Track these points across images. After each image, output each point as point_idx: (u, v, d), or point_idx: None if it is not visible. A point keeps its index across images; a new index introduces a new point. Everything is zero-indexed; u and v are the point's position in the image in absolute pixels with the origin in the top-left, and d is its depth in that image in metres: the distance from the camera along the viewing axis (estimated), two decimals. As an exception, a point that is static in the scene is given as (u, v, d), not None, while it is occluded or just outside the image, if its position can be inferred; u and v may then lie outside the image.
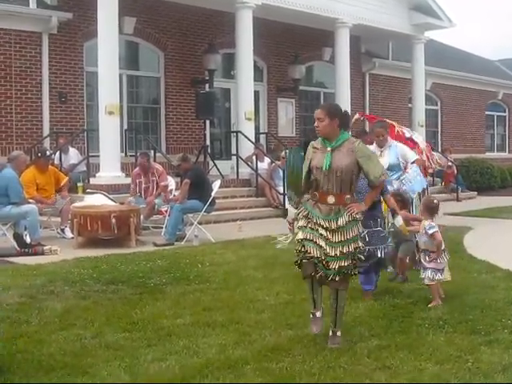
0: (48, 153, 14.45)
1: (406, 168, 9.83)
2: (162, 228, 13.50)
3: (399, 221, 7.71)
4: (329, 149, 6.19)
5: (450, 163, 24.52)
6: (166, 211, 13.65)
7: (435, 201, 8.22)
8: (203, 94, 19.39)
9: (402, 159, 9.80)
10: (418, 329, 6.70)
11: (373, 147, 9.45)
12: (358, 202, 6.30)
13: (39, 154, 13.83)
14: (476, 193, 24.79)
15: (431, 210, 7.94)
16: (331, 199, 6.18)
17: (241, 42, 19.21)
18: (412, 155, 10.04)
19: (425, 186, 10.06)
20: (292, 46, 23.17)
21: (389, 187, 8.74)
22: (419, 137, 11.99)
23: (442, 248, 7.75)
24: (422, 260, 7.79)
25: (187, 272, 9.69)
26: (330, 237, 6.14)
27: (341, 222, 6.14)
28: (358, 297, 7.86)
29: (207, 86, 20.91)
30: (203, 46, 20.74)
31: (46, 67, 17.68)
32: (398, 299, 7.90)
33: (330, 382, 5.29)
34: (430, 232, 7.68)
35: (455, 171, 24.14)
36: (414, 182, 9.71)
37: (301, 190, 6.52)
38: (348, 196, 6.19)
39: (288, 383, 5.21)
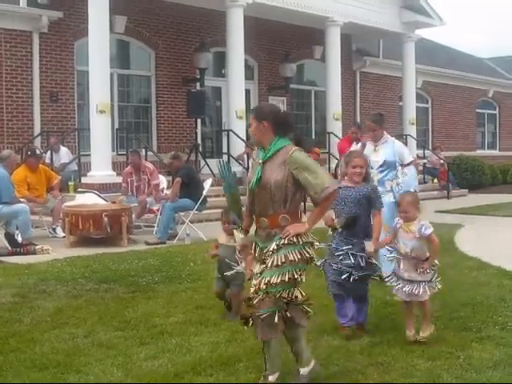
0: (38, 152, 14.43)
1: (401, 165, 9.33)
2: (153, 227, 13.50)
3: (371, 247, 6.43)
4: (260, 161, 5.15)
5: (441, 161, 24.61)
6: (158, 210, 13.64)
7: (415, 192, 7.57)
8: (194, 93, 19.41)
9: (397, 158, 9.23)
10: (409, 326, 6.71)
11: (367, 141, 9.38)
12: (301, 223, 5.08)
13: (29, 153, 13.80)
14: (467, 190, 24.85)
15: (418, 204, 6.34)
16: (264, 222, 5.14)
17: (232, 41, 19.21)
18: (408, 156, 9.52)
19: (416, 189, 9.16)
20: (283, 45, 23.20)
21: (380, 188, 8.63)
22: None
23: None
24: (409, 274, 6.21)
25: (179, 270, 9.71)
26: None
27: (272, 246, 5.03)
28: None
29: (198, 84, 20.92)
30: (194, 45, 20.76)
31: (37, 66, 17.65)
32: (389, 297, 7.90)
33: (322, 379, 5.31)
34: (428, 233, 6.16)
35: (446, 169, 24.21)
36: (405, 185, 9.03)
37: (241, 212, 5.42)
38: (283, 216, 5.04)
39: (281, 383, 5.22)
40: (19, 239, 11.78)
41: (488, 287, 8.47)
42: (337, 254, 6.42)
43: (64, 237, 12.66)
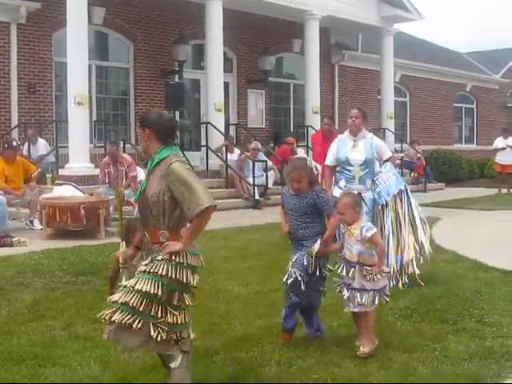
0: (15, 143, 14.34)
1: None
2: (131, 219, 13.44)
3: (316, 246, 5.96)
4: (147, 172, 4.92)
5: (418, 155, 24.73)
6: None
7: (356, 192, 7.15)
8: (173, 85, 19.39)
9: (376, 154, 8.82)
10: (386, 318, 6.76)
11: (345, 135, 9.01)
12: (179, 240, 4.70)
13: (6, 146, 13.72)
14: (444, 184, 25.05)
15: (356, 206, 5.96)
16: (146, 238, 4.89)
17: (210, 33, 19.18)
18: (387, 152, 9.07)
19: (402, 188, 8.48)
20: (262, 38, 23.17)
21: (361, 186, 8.50)
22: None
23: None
24: (358, 281, 5.75)
25: (157, 263, 9.67)
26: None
27: (147, 261, 4.75)
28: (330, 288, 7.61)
29: (177, 77, 20.88)
30: (173, 37, 20.70)
31: (15, 57, 17.52)
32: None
33: (298, 370, 5.34)
34: (370, 234, 5.73)
35: (424, 163, 24.34)
36: (388, 182, 8.42)
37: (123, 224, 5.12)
38: (163, 232, 4.73)
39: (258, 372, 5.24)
40: (-4, 231, 11.73)
41: (464, 280, 8.54)
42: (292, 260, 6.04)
43: (41, 229, 12.59)
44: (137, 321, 4.60)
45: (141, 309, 4.60)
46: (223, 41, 19.35)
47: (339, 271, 5.92)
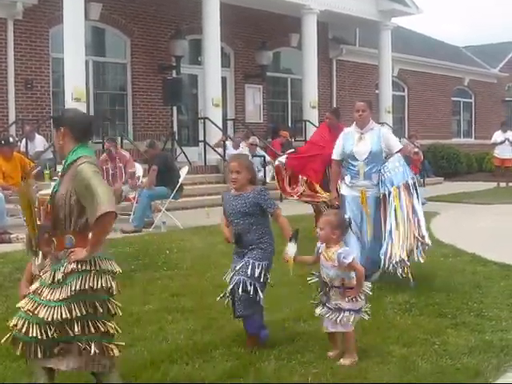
0: (12, 140, 14.30)
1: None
2: (129, 215, 13.44)
3: (290, 250, 5.60)
4: (59, 173, 4.73)
5: (416, 149, 24.69)
6: (134, 198, 13.60)
7: (346, 216, 6.72)
8: (170, 81, 19.34)
9: (384, 147, 8.32)
10: (385, 312, 6.76)
11: (351, 129, 8.51)
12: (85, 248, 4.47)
13: (3, 142, 13.68)
14: (442, 178, 25.06)
15: (344, 227, 5.75)
16: (53, 244, 4.64)
17: (208, 28, 19.14)
18: (397, 144, 8.59)
19: (409, 181, 8.10)
20: (259, 32, 23.13)
21: (366, 182, 8.23)
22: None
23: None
24: (334, 301, 5.52)
25: (155, 258, 9.68)
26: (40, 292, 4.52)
27: (58, 275, 4.48)
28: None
29: (174, 72, 20.84)
30: (170, 32, 20.66)
31: (12, 53, 17.48)
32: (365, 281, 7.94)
33: (298, 365, 5.33)
34: (347, 261, 5.45)
35: (422, 157, 24.32)
36: (394, 172, 8.07)
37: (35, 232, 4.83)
38: (69, 237, 4.55)
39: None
40: (-6, 228, 11.70)
41: (463, 274, 8.54)
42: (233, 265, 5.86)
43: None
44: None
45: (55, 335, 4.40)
46: (220, 36, 19.31)
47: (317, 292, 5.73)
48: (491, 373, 5.18)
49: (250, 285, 5.63)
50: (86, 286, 4.42)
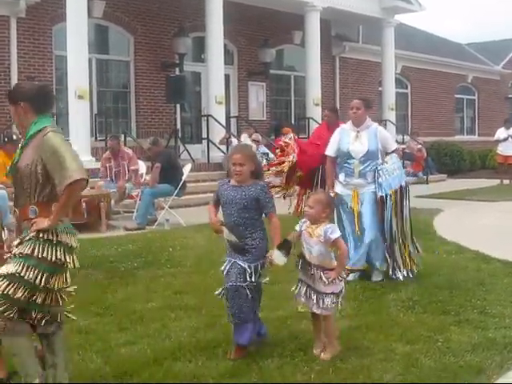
0: (15, 137, 14.29)
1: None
2: (133, 212, 13.45)
3: (278, 259, 5.40)
4: (21, 145, 4.66)
5: (419, 146, 24.68)
6: (137, 195, 13.61)
7: (330, 193, 6.78)
8: (173, 78, 19.34)
9: (380, 146, 8.19)
10: (388, 310, 6.76)
11: (347, 126, 8.42)
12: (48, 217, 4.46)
13: (6, 139, 13.69)
14: (446, 175, 25.06)
15: (327, 207, 5.59)
16: (17, 214, 4.66)
17: (211, 26, 19.14)
18: (392, 143, 8.54)
19: (403, 183, 8.15)
20: (262, 30, 23.11)
21: (361, 180, 8.13)
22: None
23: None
24: (314, 284, 5.49)
25: (158, 256, 9.69)
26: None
27: (17, 241, 4.54)
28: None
29: (177, 69, 20.82)
30: (173, 30, 20.64)
31: (15, 51, 17.45)
32: (368, 281, 7.94)
33: (301, 363, 5.33)
34: (334, 237, 5.44)
35: (425, 154, 24.33)
36: (393, 175, 8.04)
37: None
38: (32, 208, 4.50)
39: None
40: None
41: (466, 271, 8.52)
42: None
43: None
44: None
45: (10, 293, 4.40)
46: (223, 33, 19.31)
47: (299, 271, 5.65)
48: (494, 370, 5.17)
49: (245, 289, 5.45)
50: (35, 253, 4.40)
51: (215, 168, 18.66)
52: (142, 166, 14.55)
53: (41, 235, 4.42)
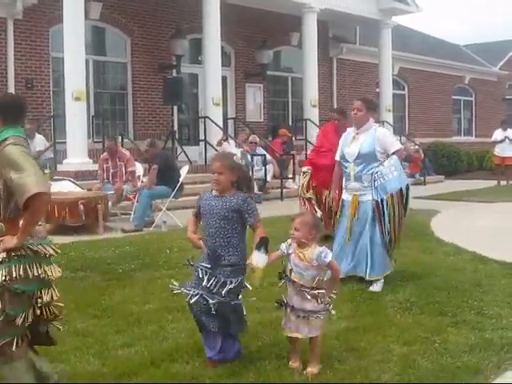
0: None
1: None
2: (130, 214, 13.46)
3: (258, 260, 5.11)
4: None
5: (416, 147, 24.71)
6: (134, 197, 13.61)
7: (318, 214, 6.57)
8: (171, 80, 19.33)
9: (379, 148, 7.87)
10: (385, 311, 6.76)
11: (351, 129, 8.24)
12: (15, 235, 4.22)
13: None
14: (443, 177, 25.10)
15: (313, 229, 5.34)
16: None
17: (208, 28, 19.13)
18: (393, 144, 8.07)
19: (404, 187, 7.88)
20: (260, 31, 23.10)
21: (357, 184, 7.93)
22: None
23: None
24: (309, 306, 5.23)
25: (156, 258, 9.68)
26: None
27: None
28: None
29: (175, 71, 20.84)
30: (170, 31, 20.64)
31: (12, 53, 17.44)
32: (365, 283, 7.94)
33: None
34: (328, 260, 5.25)
35: (422, 155, 24.35)
36: (388, 178, 7.71)
37: None
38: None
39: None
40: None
41: (463, 272, 8.53)
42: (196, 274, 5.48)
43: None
44: None
45: None
46: (221, 35, 19.29)
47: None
48: (491, 371, 5.18)
49: (226, 304, 5.29)
50: (16, 276, 4.14)
51: (212, 170, 18.60)
52: (140, 168, 14.54)
53: (13, 254, 4.18)
